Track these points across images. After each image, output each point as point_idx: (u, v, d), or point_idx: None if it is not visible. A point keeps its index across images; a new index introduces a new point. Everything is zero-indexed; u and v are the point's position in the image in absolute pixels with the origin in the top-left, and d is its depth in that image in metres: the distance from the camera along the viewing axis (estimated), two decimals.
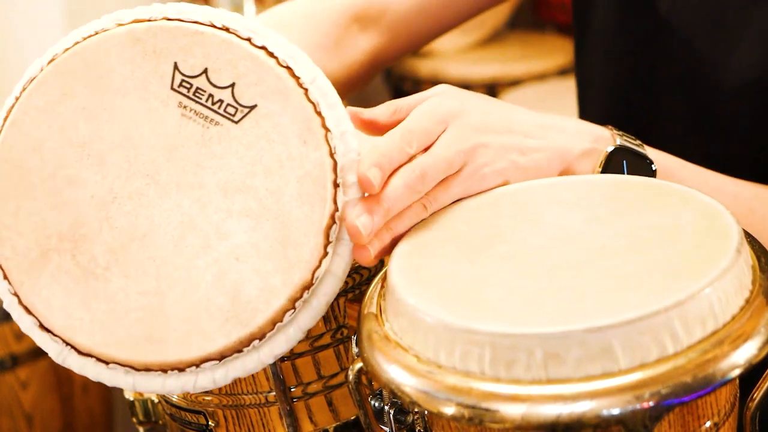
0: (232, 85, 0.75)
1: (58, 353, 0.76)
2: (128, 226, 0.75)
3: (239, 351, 0.74)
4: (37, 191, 0.76)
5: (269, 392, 0.88)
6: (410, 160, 0.79)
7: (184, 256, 0.74)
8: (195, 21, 0.77)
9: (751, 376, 0.66)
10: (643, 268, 0.69)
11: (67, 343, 0.75)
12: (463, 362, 0.66)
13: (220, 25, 0.77)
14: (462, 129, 0.82)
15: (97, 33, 0.78)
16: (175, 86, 0.76)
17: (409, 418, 0.76)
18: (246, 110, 0.75)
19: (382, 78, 2.83)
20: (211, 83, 0.75)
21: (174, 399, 0.92)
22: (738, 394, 0.73)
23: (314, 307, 0.75)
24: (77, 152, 0.76)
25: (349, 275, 0.86)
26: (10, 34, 2.18)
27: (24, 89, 0.78)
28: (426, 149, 0.80)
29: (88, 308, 0.75)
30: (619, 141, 0.87)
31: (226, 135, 0.75)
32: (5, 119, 0.78)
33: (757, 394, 0.70)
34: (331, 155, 0.74)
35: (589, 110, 1.18)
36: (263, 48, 0.76)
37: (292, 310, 0.74)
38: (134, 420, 1.01)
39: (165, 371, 0.74)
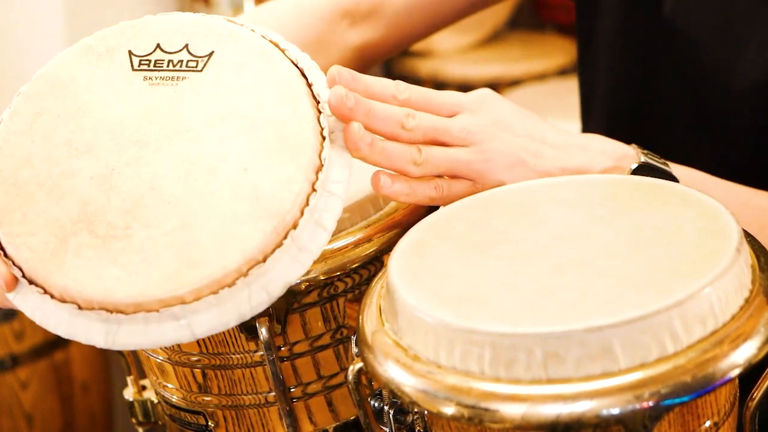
0: (186, 45, 0.81)
1: (105, 334, 0.74)
2: (135, 187, 0.76)
3: (279, 245, 0.73)
4: (38, 195, 0.77)
5: (269, 392, 0.88)
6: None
7: (196, 188, 0.76)
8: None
9: (750, 375, 0.66)
10: (643, 268, 0.69)
11: (111, 311, 0.73)
12: (463, 362, 0.66)
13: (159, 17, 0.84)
14: (477, 117, 0.83)
15: (54, 59, 0.83)
16: (135, 67, 0.81)
17: (409, 418, 0.76)
18: (205, 58, 0.81)
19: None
20: (166, 52, 0.81)
21: (173, 399, 0.92)
22: (738, 394, 0.73)
23: (335, 192, 0.77)
24: (64, 150, 0.78)
25: (348, 275, 0.86)
26: (10, 34, 2.18)
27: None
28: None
29: (120, 265, 0.74)
30: (642, 159, 0.86)
31: (195, 83, 0.80)
32: None
33: (757, 394, 0.70)
34: (295, 65, 0.80)
35: (592, 113, 1.18)
36: (203, 15, 0.84)
37: (314, 193, 0.75)
38: (134, 420, 1.02)
39: (216, 292, 0.72)
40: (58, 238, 0.75)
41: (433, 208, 0.89)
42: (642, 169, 0.86)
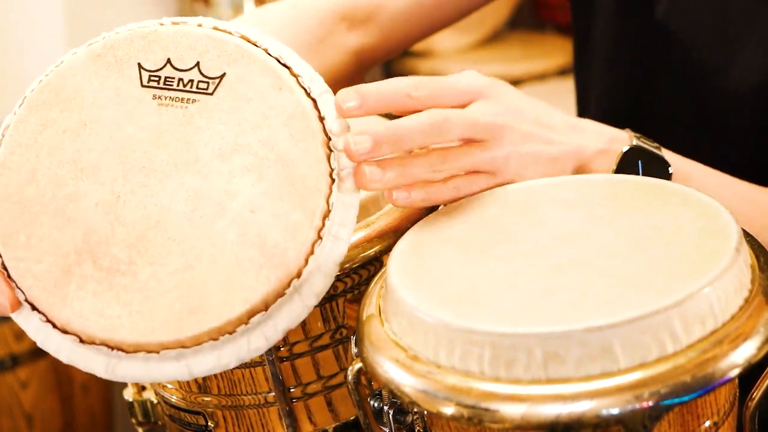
0: (197, 64, 0.79)
1: (105, 365, 0.75)
2: (139, 218, 0.76)
3: (281, 294, 0.74)
4: (42, 217, 0.76)
5: (268, 393, 0.88)
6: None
7: (201, 226, 0.75)
8: (145, 26, 0.81)
9: (750, 375, 0.66)
10: (643, 268, 0.69)
11: (112, 347, 0.74)
12: (463, 362, 0.66)
13: (170, 23, 0.81)
14: (492, 105, 0.82)
15: (60, 63, 0.81)
16: (145, 83, 0.79)
17: (409, 419, 0.76)
18: (216, 80, 0.78)
19: (381, 77, 2.83)
20: (177, 69, 0.79)
21: (173, 400, 0.92)
22: (737, 394, 0.73)
23: (340, 236, 0.76)
24: (70, 170, 0.77)
25: (348, 275, 0.86)
26: (10, 34, 2.18)
27: (3, 135, 0.79)
28: None
29: (123, 304, 0.74)
30: (635, 142, 0.87)
31: (205, 107, 0.78)
32: None
33: (757, 394, 0.70)
34: (308, 95, 0.78)
35: (588, 115, 1.18)
36: (215, 29, 0.80)
37: (320, 241, 0.75)
38: (133, 421, 1.01)
39: (216, 339, 0.73)
40: (61, 267, 0.75)
41: (432, 209, 0.89)
42: (634, 152, 0.87)
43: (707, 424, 0.70)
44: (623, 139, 0.88)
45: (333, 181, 0.76)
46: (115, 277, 0.75)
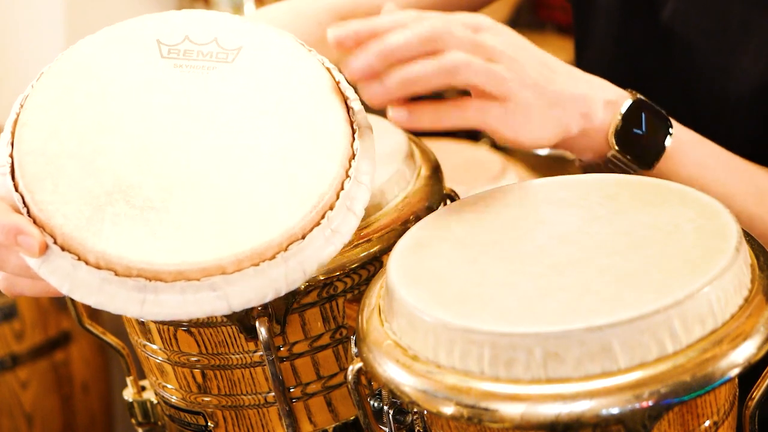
0: (215, 39, 0.82)
1: (141, 302, 0.73)
2: (170, 169, 0.76)
3: (317, 224, 0.75)
4: (69, 168, 0.75)
5: (268, 393, 0.88)
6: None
7: (232, 174, 0.76)
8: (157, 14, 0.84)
9: (750, 375, 0.66)
10: (643, 268, 0.69)
11: (150, 278, 0.73)
12: (463, 362, 0.66)
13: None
14: (499, 37, 0.82)
15: (76, 45, 0.82)
16: (165, 55, 0.82)
17: (409, 418, 0.76)
18: (235, 51, 0.82)
19: None
20: (195, 43, 0.82)
21: (173, 400, 0.92)
22: (737, 393, 0.73)
23: (363, 181, 0.78)
24: (95, 128, 0.77)
25: (348, 275, 0.86)
26: (10, 34, 2.18)
27: (22, 106, 0.79)
28: None
29: (160, 235, 0.73)
30: (639, 96, 0.88)
31: (227, 74, 0.81)
32: (13, 130, 0.77)
33: (756, 393, 0.70)
34: (322, 64, 0.82)
35: None
36: (227, 14, 0.85)
37: (348, 179, 0.77)
38: (133, 421, 1.02)
39: (257, 264, 0.73)
40: (92, 206, 0.74)
41: (432, 209, 0.89)
42: (638, 107, 0.87)
43: (707, 423, 0.70)
44: (626, 95, 0.88)
45: (354, 131, 0.79)
46: (149, 213, 0.74)
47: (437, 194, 0.92)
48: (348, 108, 0.80)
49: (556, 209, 0.78)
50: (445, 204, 0.92)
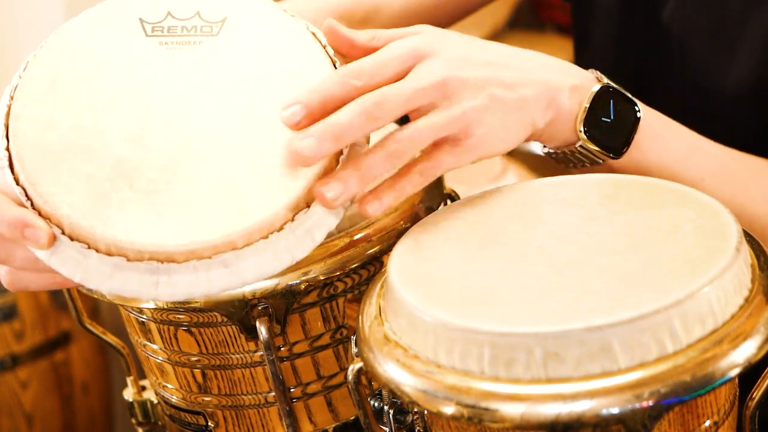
0: (197, 12, 0.82)
1: (155, 284, 0.73)
2: (168, 146, 0.76)
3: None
4: (67, 156, 0.75)
5: (268, 393, 0.88)
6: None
7: (230, 143, 0.76)
8: None
9: (750, 374, 0.66)
10: (642, 267, 0.69)
11: (162, 260, 0.73)
12: (463, 361, 0.66)
13: None
14: (433, 64, 0.78)
15: (58, 30, 0.82)
16: (149, 33, 0.82)
17: (409, 418, 0.76)
18: (219, 24, 0.82)
19: None
20: (178, 19, 0.82)
21: (173, 400, 0.92)
22: (737, 393, 0.73)
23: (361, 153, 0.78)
24: (89, 112, 0.77)
25: (348, 275, 0.86)
26: (10, 34, 2.18)
27: (12, 97, 0.78)
28: None
29: (168, 216, 0.73)
30: (606, 81, 0.85)
31: (213, 47, 0.81)
32: (6, 123, 0.77)
33: (757, 393, 0.70)
34: (306, 28, 0.83)
35: None
36: None
37: (346, 148, 0.77)
38: (133, 421, 1.02)
39: (266, 237, 0.73)
40: (97, 194, 0.74)
41: (432, 209, 0.89)
42: (606, 93, 0.84)
43: (707, 423, 0.70)
44: (592, 79, 0.85)
45: None
46: (154, 195, 0.74)
47: (437, 194, 0.92)
48: (333, 60, 0.81)
49: (556, 209, 0.78)
50: (445, 204, 0.93)
